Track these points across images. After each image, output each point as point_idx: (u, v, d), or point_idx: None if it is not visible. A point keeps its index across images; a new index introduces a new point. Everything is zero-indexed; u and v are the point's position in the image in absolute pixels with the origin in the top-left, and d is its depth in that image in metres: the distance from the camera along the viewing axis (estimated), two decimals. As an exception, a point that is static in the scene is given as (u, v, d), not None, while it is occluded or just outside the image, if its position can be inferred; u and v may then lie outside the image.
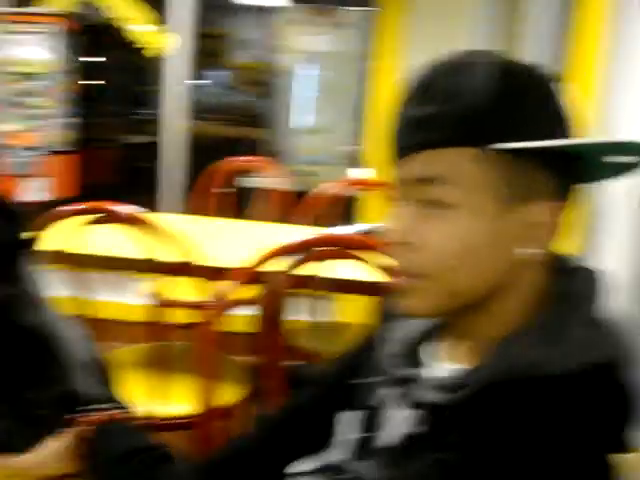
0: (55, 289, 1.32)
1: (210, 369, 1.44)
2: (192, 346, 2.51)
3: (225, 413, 1.77)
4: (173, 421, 1.73)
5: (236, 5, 6.27)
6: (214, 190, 3.06)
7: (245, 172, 3.34)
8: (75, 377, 1.28)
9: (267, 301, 1.48)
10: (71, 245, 1.68)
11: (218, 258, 1.87)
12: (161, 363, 1.75)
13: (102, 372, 1.36)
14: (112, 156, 5.75)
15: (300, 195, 3.03)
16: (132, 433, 0.90)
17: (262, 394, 2.19)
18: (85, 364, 1.32)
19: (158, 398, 1.68)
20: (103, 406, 0.91)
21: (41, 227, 1.58)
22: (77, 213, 1.63)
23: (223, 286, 1.43)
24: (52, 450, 0.93)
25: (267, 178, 3.24)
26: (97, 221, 1.64)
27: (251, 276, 1.45)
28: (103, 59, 5.77)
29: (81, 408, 0.95)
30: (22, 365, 1.12)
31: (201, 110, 4.85)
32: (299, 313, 1.81)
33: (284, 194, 3.10)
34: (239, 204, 3.19)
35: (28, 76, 3.73)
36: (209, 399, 1.72)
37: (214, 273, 1.71)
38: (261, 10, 5.97)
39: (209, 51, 6.01)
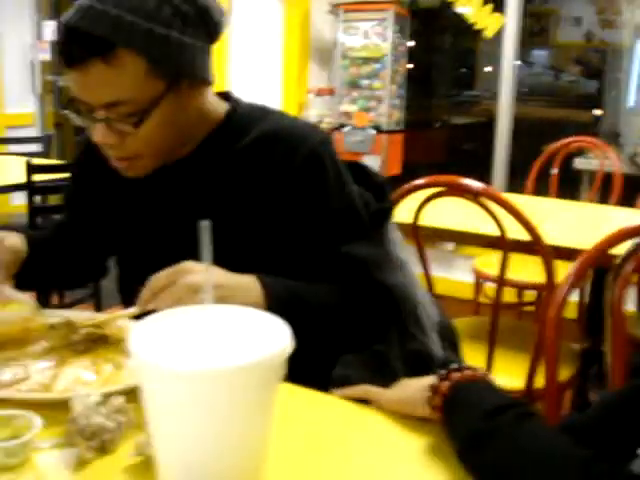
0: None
1: (547, 350, 1.42)
2: (521, 324, 2.52)
3: (545, 394, 1.74)
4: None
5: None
6: (553, 171, 3.02)
7: (578, 154, 3.24)
8: (429, 338, 1.36)
9: (615, 286, 1.42)
10: (419, 218, 1.78)
11: (562, 239, 1.84)
12: (485, 337, 1.77)
13: (452, 336, 1.43)
14: (434, 136, 5.90)
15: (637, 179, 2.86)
16: (494, 391, 0.91)
17: (592, 379, 2.14)
18: (437, 327, 1.40)
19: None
20: (458, 366, 0.93)
21: (397, 199, 1.70)
22: (426, 186, 1.71)
23: (569, 267, 1.41)
24: (409, 394, 0.94)
25: (601, 160, 3.11)
26: (444, 195, 1.70)
27: (598, 259, 1.40)
28: (428, 42, 5.92)
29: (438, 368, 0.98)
30: (381, 320, 1.20)
31: (526, 91, 4.75)
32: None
33: (620, 177, 2.95)
34: (573, 186, 3.10)
35: (365, 60, 3.99)
36: (533, 379, 1.72)
37: (560, 254, 1.69)
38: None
39: (535, 30, 5.85)
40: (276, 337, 0.67)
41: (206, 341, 0.68)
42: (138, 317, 0.97)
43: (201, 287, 0.92)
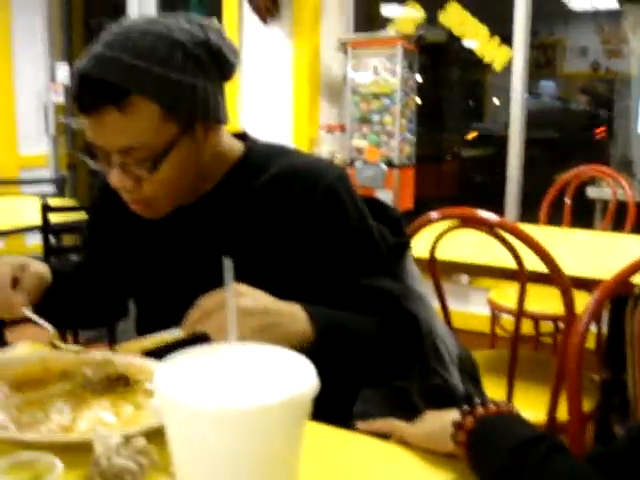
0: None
1: (570, 382, 1.40)
2: (539, 356, 2.50)
3: (568, 427, 1.72)
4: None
5: (568, 11, 6.05)
6: (566, 200, 3.02)
7: (590, 182, 3.24)
8: (450, 372, 1.35)
9: (635, 316, 1.40)
10: (435, 250, 1.77)
11: (579, 269, 1.83)
12: (503, 370, 1.75)
13: (472, 370, 1.42)
14: (445, 169, 5.92)
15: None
16: (520, 424, 0.89)
17: (614, 410, 2.10)
18: (457, 361, 1.39)
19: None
20: (481, 401, 0.92)
21: (412, 232, 1.70)
22: (440, 219, 1.71)
23: (587, 298, 1.40)
24: (433, 429, 0.93)
25: (614, 188, 3.10)
26: (459, 227, 1.70)
27: (617, 289, 1.39)
28: (437, 76, 5.98)
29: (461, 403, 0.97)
30: (411, 351, 1.18)
31: (535, 121, 4.77)
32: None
33: (633, 205, 2.94)
34: (586, 215, 3.10)
35: (375, 96, 4.02)
36: (555, 411, 1.70)
37: (578, 284, 1.68)
38: (596, 15, 5.69)
39: (542, 61, 5.90)
40: (302, 376, 0.66)
41: (232, 379, 0.67)
42: (163, 350, 0.97)
43: (251, 311, 0.92)
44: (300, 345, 0.97)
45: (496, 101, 6.05)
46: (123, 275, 1.32)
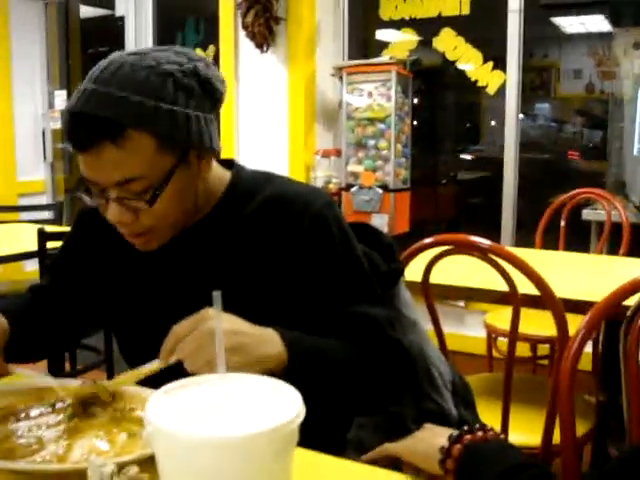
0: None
1: (561, 405, 1.40)
2: (535, 379, 2.50)
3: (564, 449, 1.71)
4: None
5: (561, 34, 6.12)
6: (561, 223, 3.04)
7: (585, 205, 3.26)
8: (443, 397, 1.36)
9: (628, 339, 1.41)
10: (427, 276, 1.78)
11: (572, 292, 1.84)
12: (500, 393, 1.75)
13: (466, 394, 1.42)
14: (441, 192, 5.94)
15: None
16: (508, 449, 0.89)
17: (613, 433, 2.10)
18: (451, 386, 1.39)
19: (498, 428, 1.70)
20: (469, 427, 0.92)
21: (405, 258, 1.71)
22: (434, 245, 1.72)
23: (580, 320, 1.41)
24: (424, 449, 0.93)
25: (608, 210, 3.12)
26: (453, 253, 1.71)
27: (609, 311, 1.40)
28: (432, 100, 6.02)
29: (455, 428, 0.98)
30: (397, 378, 1.19)
31: (530, 144, 4.81)
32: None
33: (628, 227, 2.96)
34: (582, 237, 3.12)
35: (370, 121, 4.06)
36: (551, 434, 1.70)
37: (571, 307, 1.69)
38: (589, 37, 5.74)
39: (537, 83, 5.95)
40: (289, 403, 0.67)
41: (221, 409, 0.68)
42: (159, 376, 0.98)
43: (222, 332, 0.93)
44: (275, 369, 0.98)
45: (492, 123, 6.09)
46: (90, 304, 1.31)
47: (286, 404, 0.67)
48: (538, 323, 2.49)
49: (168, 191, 1.08)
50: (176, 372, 0.92)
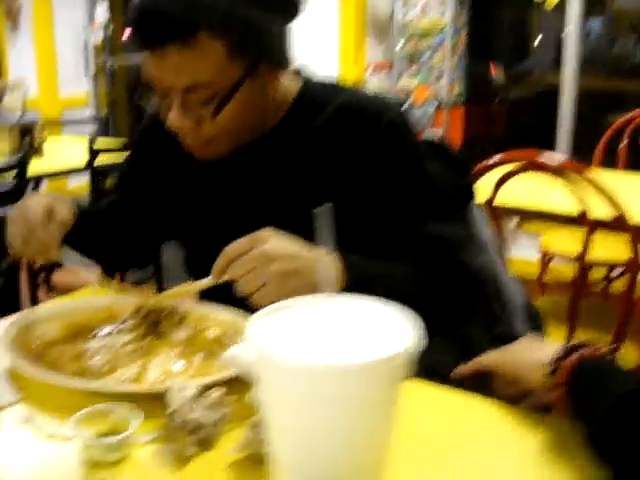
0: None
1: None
2: (590, 302, 2.44)
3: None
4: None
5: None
6: (622, 143, 2.92)
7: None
8: (514, 320, 1.31)
9: None
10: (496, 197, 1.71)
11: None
12: (560, 318, 1.71)
13: (537, 318, 1.38)
14: (494, 109, 5.77)
15: None
16: (626, 373, 0.81)
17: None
18: (521, 309, 1.35)
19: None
20: (579, 342, 0.86)
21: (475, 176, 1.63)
22: (503, 163, 1.64)
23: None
24: (527, 362, 0.88)
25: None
26: (522, 171, 1.63)
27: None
28: (489, 13, 5.78)
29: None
30: (465, 302, 1.15)
31: (584, 60, 4.59)
32: None
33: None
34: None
35: (424, 35, 3.90)
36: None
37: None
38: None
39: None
40: (404, 332, 0.63)
41: (330, 334, 0.64)
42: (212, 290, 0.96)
43: (276, 256, 0.89)
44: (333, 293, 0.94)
45: (543, 40, 5.84)
46: (162, 216, 1.28)
47: (401, 331, 0.63)
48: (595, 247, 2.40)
49: (234, 102, 1.02)
50: (229, 290, 0.91)
